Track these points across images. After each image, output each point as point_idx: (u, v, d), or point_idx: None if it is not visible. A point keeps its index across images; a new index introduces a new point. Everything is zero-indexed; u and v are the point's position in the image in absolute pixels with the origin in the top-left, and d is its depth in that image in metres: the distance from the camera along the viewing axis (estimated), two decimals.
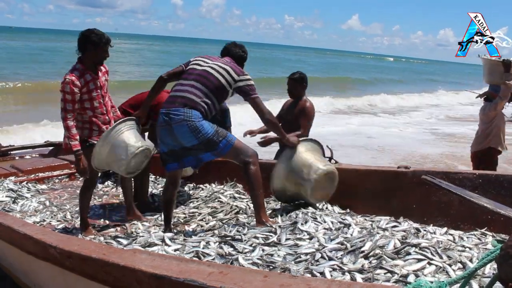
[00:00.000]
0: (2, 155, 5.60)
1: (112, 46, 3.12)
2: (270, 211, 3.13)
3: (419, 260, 2.05)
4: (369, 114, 15.97)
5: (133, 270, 1.64)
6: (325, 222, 2.67)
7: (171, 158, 2.91)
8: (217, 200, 3.60)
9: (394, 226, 2.64)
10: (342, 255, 2.15)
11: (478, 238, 2.49)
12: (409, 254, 2.11)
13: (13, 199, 4.05)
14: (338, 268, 2.02)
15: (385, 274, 1.95)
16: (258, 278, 1.38)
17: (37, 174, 4.86)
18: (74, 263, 1.98)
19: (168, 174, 3.07)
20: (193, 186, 4.19)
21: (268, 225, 2.70)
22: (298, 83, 3.79)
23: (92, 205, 3.55)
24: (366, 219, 2.90)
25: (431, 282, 1.28)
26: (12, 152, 5.79)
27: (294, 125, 3.64)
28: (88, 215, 3.36)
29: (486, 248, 2.26)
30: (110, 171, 4.19)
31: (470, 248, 2.27)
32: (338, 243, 2.28)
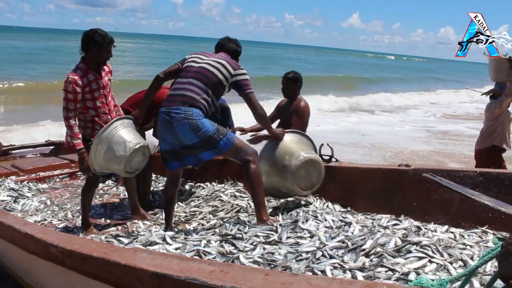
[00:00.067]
0: (3, 155, 5.61)
1: (115, 46, 3.12)
2: (270, 210, 3.14)
3: (420, 258, 2.05)
4: (367, 112, 15.92)
5: (134, 269, 1.64)
6: (326, 220, 2.67)
7: (172, 157, 2.91)
8: (218, 198, 3.61)
9: (395, 224, 2.64)
10: (343, 254, 2.15)
11: (479, 236, 2.49)
12: (410, 252, 2.11)
13: (14, 199, 4.06)
14: (339, 266, 2.03)
15: (386, 272, 1.95)
16: (259, 277, 1.38)
17: (38, 174, 4.87)
18: (75, 262, 1.99)
19: (169, 173, 3.07)
20: (194, 185, 4.20)
21: (269, 223, 2.70)
22: (292, 83, 3.76)
23: (93, 204, 3.55)
24: (367, 217, 2.91)
25: (432, 280, 1.28)
26: (13, 151, 5.80)
27: (288, 124, 3.63)
28: (89, 214, 3.37)
29: (487, 246, 2.27)
30: None
31: (471, 246, 2.27)
32: (339, 242, 2.28)
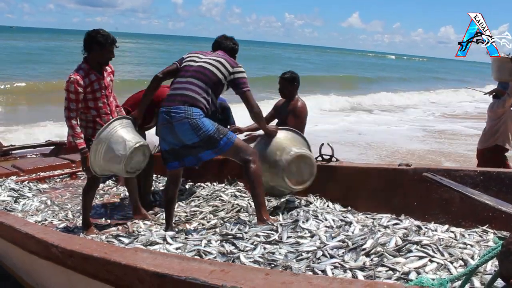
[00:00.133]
0: (3, 155, 5.62)
1: (117, 47, 3.13)
2: (271, 210, 3.14)
3: (421, 257, 2.05)
4: (366, 112, 15.91)
5: (134, 269, 1.64)
6: (326, 220, 2.67)
7: (172, 156, 2.91)
8: (218, 198, 3.60)
9: (396, 224, 2.65)
10: (343, 253, 2.15)
11: (480, 235, 2.49)
12: (410, 251, 2.11)
13: (14, 199, 4.06)
14: (339, 266, 2.03)
15: (386, 271, 1.95)
16: (260, 276, 1.38)
17: (38, 174, 4.88)
18: (76, 262, 1.99)
19: (169, 172, 3.07)
20: (194, 184, 4.20)
21: (269, 223, 2.70)
22: (288, 83, 3.75)
23: (93, 204, 3.55)
24: (367, 217, 2.90)
25: (433, 280, 1.27)
26: (13, 151, 5.81)
27: (286, 124, 3.62)
28: (89, 214, 3.37)
29: (487, 245, 2.27)
30: None
31: (472, 245, 2.27)
32: (339, 241, 2.28)
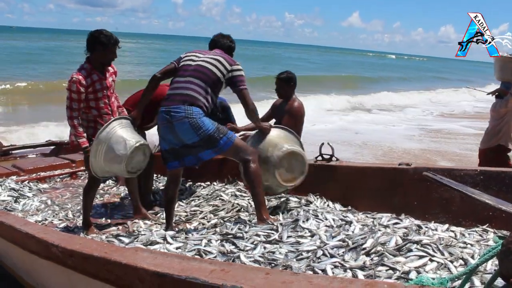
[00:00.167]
0: (3, 155, 5.62)
1: (120, 47, 3.13)
2: (271, 209, 3.14)
3: (421, 257, 2.05)
4: (365, 111, 15.91)
5: (135, 268, 1.64)
6: (326, 219, 2.67)
7: (172, 156, 2.91)
8: (218, 198, 3.60)
9: (396, 223, 2.65)
10: (343, 252, 2.15)
11: (480, 235, 2.49)
12: (410, 251, 2.11)
13: (15, 199, 4.07)
14: (339, 265, 2.03)
15: (386, 271, 1.95)
16: (260, 276, 1.38)
17: (38, 174, 4.88)
18: (76, 262, 1.99)
19: (169, 172, 3.07)
20: (194, 184, 4.20)
21: (269, 222, 2.70)
22: (285, 83, 3.75)
23: (93, 204, 3.55)
24: (367, 216, 2.91)
25: (433, 279, 1.27)
26: (13, 151, 5.82)
27: (283, 124, 3.62)
28: (90, 214, 3.37)
29: (487, 244, 2.27)
30: None
31: (472, 244, 2.27)
32: (339, 240, 2.28)
